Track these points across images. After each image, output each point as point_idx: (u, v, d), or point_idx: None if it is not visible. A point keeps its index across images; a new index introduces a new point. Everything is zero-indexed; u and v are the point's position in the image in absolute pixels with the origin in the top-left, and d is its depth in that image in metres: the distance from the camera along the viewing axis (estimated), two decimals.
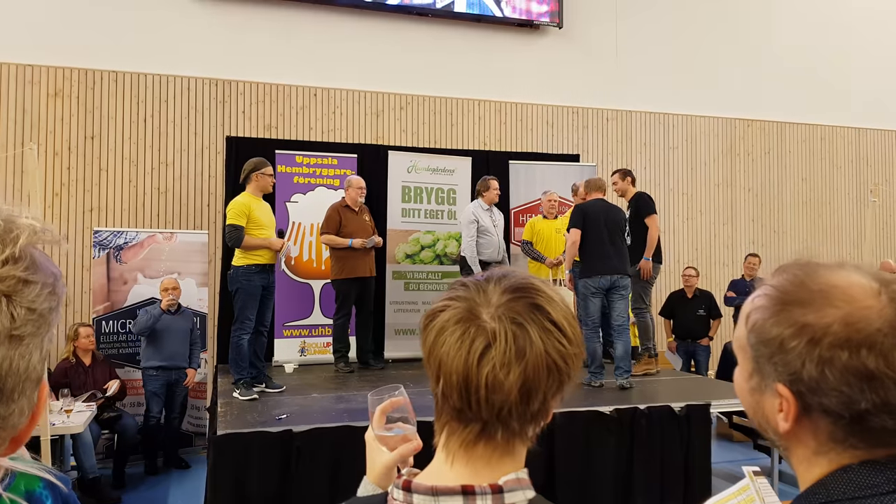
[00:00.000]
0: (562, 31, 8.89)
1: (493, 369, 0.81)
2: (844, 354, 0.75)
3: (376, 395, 1.18)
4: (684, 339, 7.87)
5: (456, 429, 0.86)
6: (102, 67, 7.32)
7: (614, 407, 4.72)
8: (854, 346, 0.74)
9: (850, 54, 10.18)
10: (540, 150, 8.76)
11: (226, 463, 3.94)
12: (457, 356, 0.83)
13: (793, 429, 0.80)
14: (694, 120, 9.49)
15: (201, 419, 6.72)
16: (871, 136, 10.33)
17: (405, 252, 7.44)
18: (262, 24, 7.82)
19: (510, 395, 0.81)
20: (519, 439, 0.86)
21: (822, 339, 0.76)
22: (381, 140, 8.17)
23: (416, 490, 0.85)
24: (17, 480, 0.78)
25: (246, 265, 5.25)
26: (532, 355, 0.82)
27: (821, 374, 0.76)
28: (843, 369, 0.74)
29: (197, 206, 7.55)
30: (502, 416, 0.83)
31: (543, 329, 0.83)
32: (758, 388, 0.84)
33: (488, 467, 0.85)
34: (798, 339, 0.77)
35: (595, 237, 5.70)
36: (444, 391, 0.85)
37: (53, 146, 7.14)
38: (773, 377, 0.80)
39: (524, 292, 0.86)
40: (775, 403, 0.81)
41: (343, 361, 6.42)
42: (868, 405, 0.74)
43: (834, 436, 0.78)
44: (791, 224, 9.88)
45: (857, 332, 0.75)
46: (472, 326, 0.83)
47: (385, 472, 1.13)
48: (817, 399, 0.77)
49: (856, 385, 0.74)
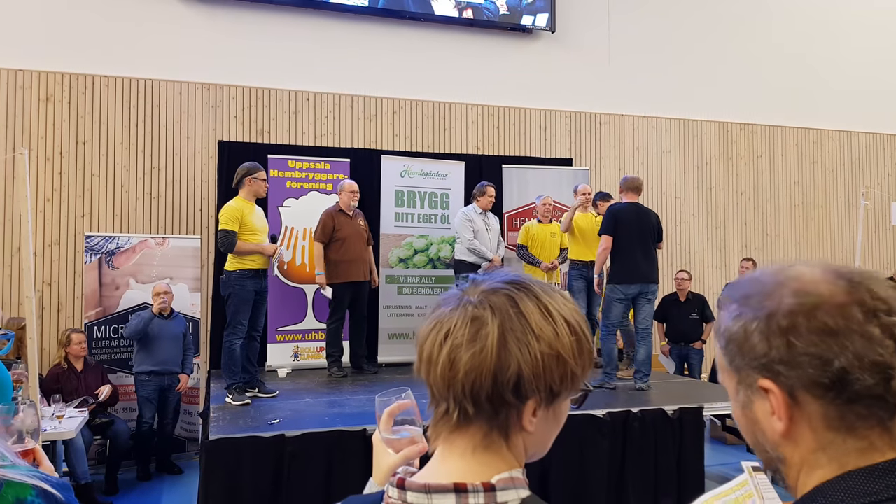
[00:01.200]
0: (554, 36, 8.91)
1: (449, 351, 0.86)
2: (801, 319, 0.77)
3: (383, 398, 1.18)
4: (677, 342, 7.88)
5: (436, 415, 0.90)
6: (94, 72, 7.30)
7: (607, 410, 4.73)
8: (809, 309, 0.78)
9: (842, 58, 10.24)
10: (533, 155, 8.78)
11: (218, 468, 3.93)
12: (428, 337, 0.90)
13: (789, 428, 0.80)
14: (686, 124, 9.52)
15: (194, 424, 6.69)
16: (863, 140, 10.39)
17: (398, 256, 7.44)
18: (254, 29, 7.82)
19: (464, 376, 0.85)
20: (499, 433, 0.87)
21: (778, 311, 0.79)
22: (374, 144, 8.17)
23: (410, 488, 0.85)
24: (5, 490, 0.77)
25: (239, 270, 5.24)
26: (490, 342, 0.84)
27: (787, 345, 0.78)
28: (806, 332, 0.77)
29: (189, 211, 7.52)
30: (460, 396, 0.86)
31: (510, 317, 0.86)
32: (747, 403, 0.84)
33: (483, 466, 0.86)
34: (757, 321, 0.80)
35: (626, 244, 5.69)
36: (419, 370, 0.90)
37: (45, 151, 7.12)
38: (753, 376, 0.81)
39: (507, 286, 0.90)
40: (766, 407, 0.81)
41: (336, 366, 6.41)
42: (842, 362, 0.75)
43: (829, 420, 0.78)
44: (783, 227, 9.92)
45: (809, 297, 0.78)
46: (450, 312, 0.89)
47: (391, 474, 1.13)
48: (796, 374, 0.78)
49: (822, 343, 0.76)
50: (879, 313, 0.77)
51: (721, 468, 6.35)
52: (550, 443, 0.94)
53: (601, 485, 4.57)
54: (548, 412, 0.89)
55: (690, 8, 9.59)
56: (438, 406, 0.89)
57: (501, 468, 0.86)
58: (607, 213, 5.95)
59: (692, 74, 9.50)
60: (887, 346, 0.75)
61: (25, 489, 0.79)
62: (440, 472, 0.87)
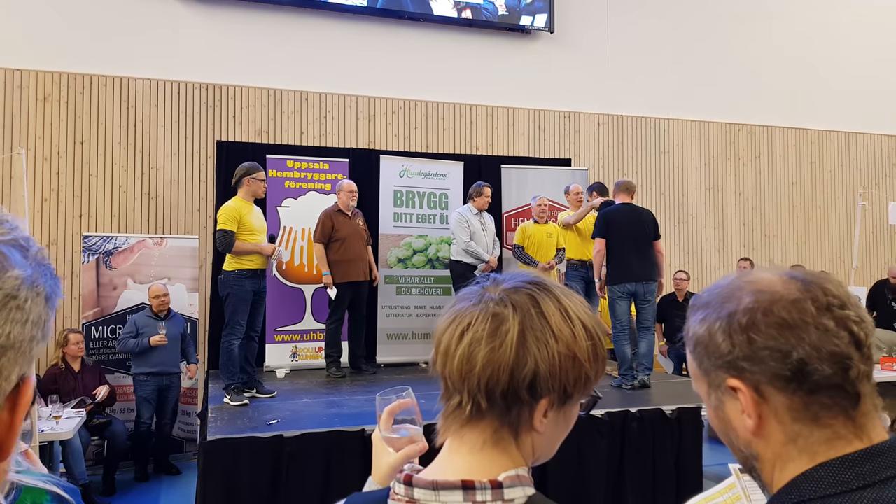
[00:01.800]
0: (553, 36, 8.91)
1: (469, 345, 0.87)
2: (760, 315, 0.82)
3: (384, 396, 1.19)
4: (675, 342, 7.88)
5: (448, 408, 0.90)
6: (92, 72, 7.29)
7: (606, 410, 4.73)
8: (766, 306, 0.82)
9: (840, 59, 10.25)
10: (531, 155, 8.78)
11: (216, 468, 3.92)
12: (447, 330, 0.90)
13: (759, 424, 0.83)
14: (685, 124, 9.53)
15: (192, 425, 6.68)
16: (861, 140, 10.40)
17: (397, 256, 7.43)
18: (252, 29, 7.81)
19: (481, 370, 0.86)
20: (509, 430, 0.88)
21: (738, 310, 0.83)
22: (373, 144, 8.17)
23: (417, 484, 0.86)
24: (24, 495, 0.77)
25: (237, 270, 5.23)
26: (509, 338, 0.86)
27: (749, 341, 0.82)
28: (764, 327, 0.81)
29: (187, 211, 7.51)
30: (474, 389, 0.86)
31: (530, 316, 0.87)
32: (718, 404, 0.88)
33: (490, 462, 0.87)
34: (720, 321, 0.85)
35: (618, 245, 5.79)
36: (434, 362, 0.91)
37: (42, 151, 7.10)
38: (721, 376, 0.85)
39: (529, 285, 0.91)
40: (736, 407, 0.84)
41: (335, 366, 6.40)
42: (800, 353, 0.79)
43: (794, 412, 0.81)
44: (781, 227, 9.93)
45: (765, 295, 0.83)
46: (470, 308, 0.90)
47: (390, 472, 1.14)
48: (758, 369, 0.82)
49: (780, 337, 0.80)
50: (833, 307, 0.81)
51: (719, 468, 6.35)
52: (557, 446, 0.95)
53: (599, 484, 4.57)
54: (558, 414, 0.90)
55: (689, 9, 9.59)
56: (451, 399, 0.89)
57: (509, 466, 0.87)
58: (599, 217, 6.03)
59: (691, 75, 9.50)
60: (842, 337, 0.80)
61: (42, 494, 0.79)
62: (448, 468, 0.88)
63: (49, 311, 0.65)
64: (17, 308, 0.60)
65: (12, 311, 0.60)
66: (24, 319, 0.60)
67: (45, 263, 0.66)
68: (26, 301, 0.61)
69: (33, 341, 0.62)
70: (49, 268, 0.66)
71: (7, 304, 0.59)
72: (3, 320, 0.59)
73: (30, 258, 0.63)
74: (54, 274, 0.67)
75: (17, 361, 0.60)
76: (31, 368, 0.64)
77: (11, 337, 0.59)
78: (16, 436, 0.63)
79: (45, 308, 0.64)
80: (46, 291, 0.64)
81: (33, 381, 0.64)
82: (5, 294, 0.59)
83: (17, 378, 0.61)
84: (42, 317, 0.63)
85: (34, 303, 0.62)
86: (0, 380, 0.59)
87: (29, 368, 0.63)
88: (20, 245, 0.63)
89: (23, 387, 0.63)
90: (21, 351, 0.61)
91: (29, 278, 0.62)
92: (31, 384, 0.64)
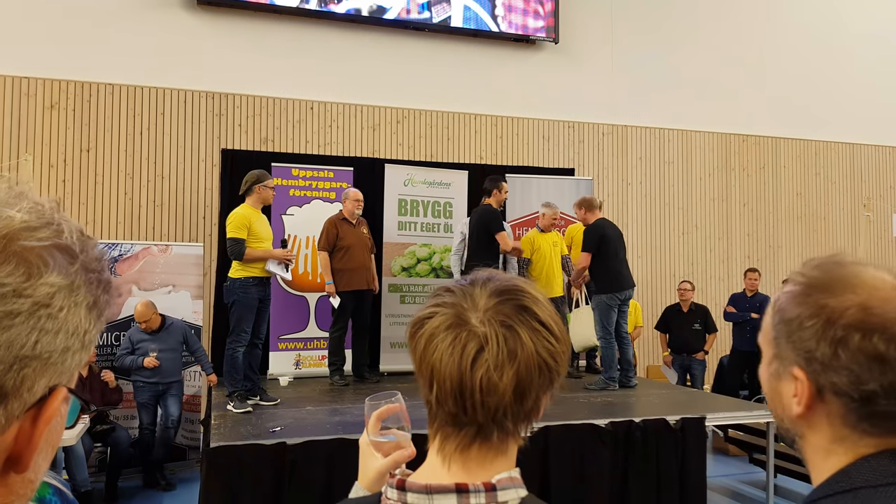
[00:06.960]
0: (557, 47, 8.94)
1: (486, 372, 0.82)
2: (858, 336, 0.79)
3: (373, 401, 1.19)
4: (680, 353, 7.86)
5: (451, 433, 0.87)
6: (99, 80, 7.33)
7: (609, 420, 4.71)
8: (868, 329, 0.79)
9: (845, 71, 10.26)
10: (536, 165, 8.79)
11: (219, 476, 3.92)
12: (450, 361, 0.83)
13: (806, 413, 0.84)
14: (689, 135, 9.54)
15: (195, 432, 6.67)
16: (865, 152, 10.39)
17: (401, 265, 7.44)
18: (258, 38, 7.86)
19: (505, 396, 0.83)
20: (512, 438, 0.88)
21: (839, 320, 0.80)
22: (378, 154, 8.19)
23: (410, 488, 0.85)
24: None
25: (243, 277, 5.24)
26: (523, 356, 0.83)
27: (833, 354, 0.80)
28: (855, 350, 0.79)
29: (192, 218, 7.54)
30: (497, 417, 0.84)
31: (532, 329, 0.85)
32: (776, 375, 0.88)
33: (482, 467, 0.86)
34: (816, 319, 0.82)
35: (613, 257, 6.20)
36: (439, 397, 0.85)
37: (49, 158, 7.14)
38: (791, 360, 0.85)
39: (510, 294, 0.87)
40: (791, 388, 0.85)
41: (338, 374, 6.40)
42: (876, 386, 0.79)
43: (846, 420, 0.82)
44: (786, 238, 9.92)
45: (872, 317, 0.79)
46: (463, 331, 0.84)
47: (378, 477, 1.13)
48: (829, 378, 0.81)
49: (865, 365, 0.79)
50: None
51: (723, 479, 6.33)
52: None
53: (603, 494, 4.54)
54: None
55: (694, 20, 9.62)
56: (443, 407, 0.86)
57: (501, 468, 0.86)
58: (592, 232, 6.25)
59: (695, 86, 9.52)
60: None
61: (45, 487, 0.79)
62: (440, 472, 0.87)
63: (93, 321, 0.63)
64: (49, 317, 0.57)
65: (41, 319, 0.57)
66: (56, 329, 0.58)
67: (96, 270, 0.63)
68: (61, 310, 0.58)
69: (67, 352, 0.59)
70: (100, 275, 0.64)
71: (36, 311, 0.57)
72: (30, 329, 0.56)
73: (77, 264, 0.61)
74: (107, 281, 0.65)
75: (44, 372, 0.58)
76: (66, 379, 0.61)
77: (38, 347, 0.57)
78: (36, 448, 0.60)
79: (86, 317, 0.61)
80: (91, 300, 0.62)
81: (63, 393, 0.61)
82: (34, 302, 0.57)
83: (43, 390, 0.58)
84: (82, 327, 0.61)
85: (71, 312, 0.59)
86: (22, 390, 0.57)
87: (61, 379, 0.60)
88: (68, 249, 0.61)
89: (49, 399, 0.59)
90: (51, 362, 0.58)
91: (68, 286, 0.59)
92: (59, 396, 0.60)
